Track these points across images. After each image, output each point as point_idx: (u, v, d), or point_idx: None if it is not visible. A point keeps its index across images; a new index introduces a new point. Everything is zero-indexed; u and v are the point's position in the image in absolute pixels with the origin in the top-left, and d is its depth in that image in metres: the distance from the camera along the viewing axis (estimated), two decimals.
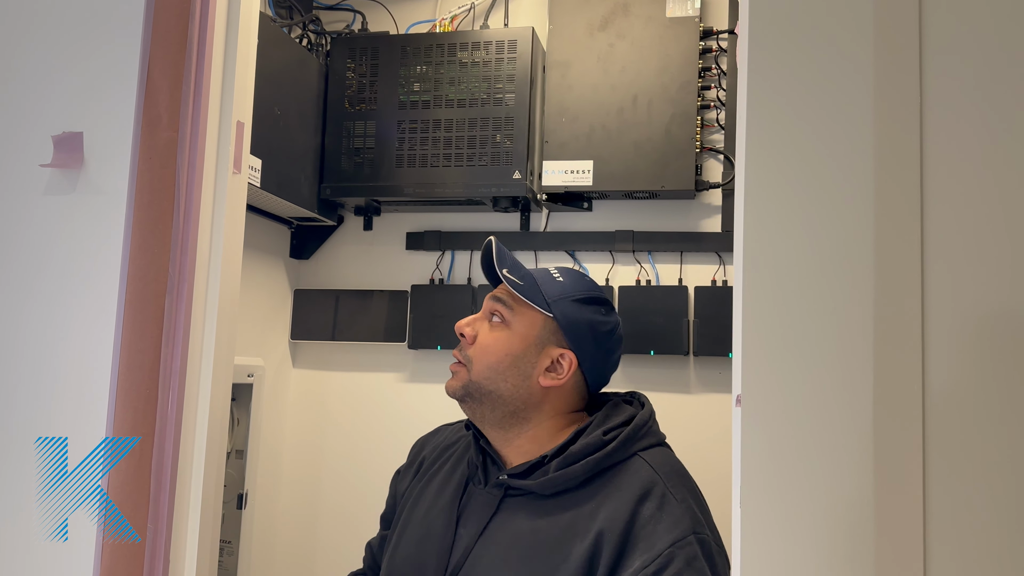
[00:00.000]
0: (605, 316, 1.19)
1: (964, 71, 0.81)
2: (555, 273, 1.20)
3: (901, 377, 0.77)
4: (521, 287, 1.16)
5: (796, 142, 0.82)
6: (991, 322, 0.77)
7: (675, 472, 1.10)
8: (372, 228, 2.00)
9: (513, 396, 1.13)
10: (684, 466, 1.14)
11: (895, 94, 0.81)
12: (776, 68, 0.83)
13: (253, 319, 1.83)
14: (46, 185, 1.10)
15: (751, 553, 0.77)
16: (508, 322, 1.16)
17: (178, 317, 1.05)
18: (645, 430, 1.13)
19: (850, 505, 0.76)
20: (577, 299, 1.17)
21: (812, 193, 0.81)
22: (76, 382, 1.06)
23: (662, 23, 1.74)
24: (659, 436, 1.16)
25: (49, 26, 1.13)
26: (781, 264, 0.81)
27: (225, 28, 1.14)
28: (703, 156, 1.81)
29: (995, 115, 0.80)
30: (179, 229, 1.06)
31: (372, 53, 1.84)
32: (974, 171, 0.79)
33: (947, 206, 0.79)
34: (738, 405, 0.80)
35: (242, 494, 1.65)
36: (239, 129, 1.16)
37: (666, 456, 1.13)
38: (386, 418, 1.96)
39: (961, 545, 0.75)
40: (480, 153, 1.75)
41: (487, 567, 1.07)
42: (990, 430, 0.76)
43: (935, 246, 0.79)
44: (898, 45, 0.81)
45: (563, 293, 1.17)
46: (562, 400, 1.17)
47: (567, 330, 1.15)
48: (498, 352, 1.14)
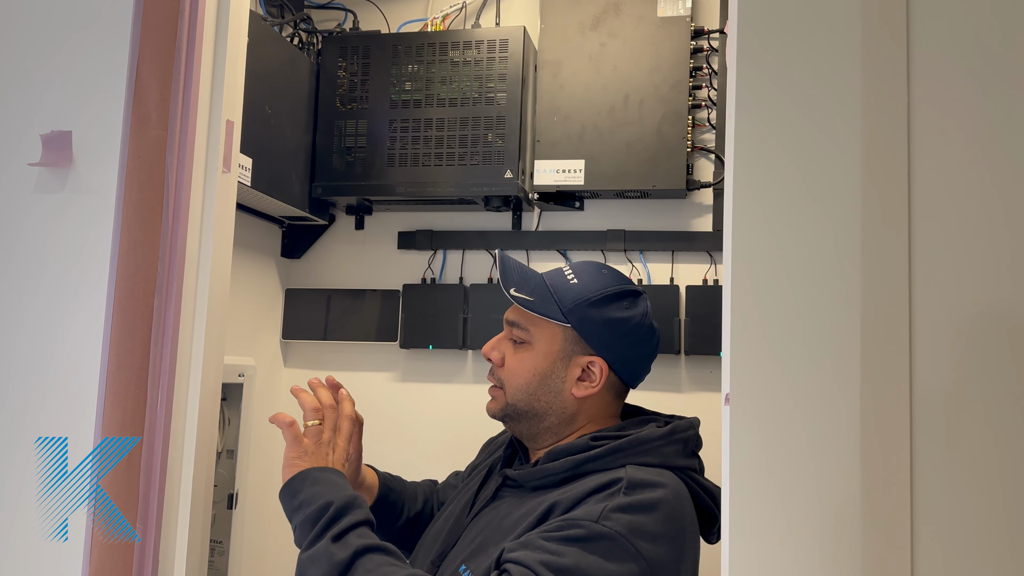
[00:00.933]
0: (627, 310, 1.13)
1: (951, 71, 0.81)
2: (569, 274, 1.16)
3: (888, 376, 0.78)
4: (532, 303, 1.13)
5: (784, 141, 0.82)
6: (978, 322, 0.78)
7: (647, 485, 1.01)
8: (364, 227, 2.00)
9: (547, 412, 1.13)
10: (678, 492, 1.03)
11: (883, 93, 0.81)
12: (765, 67, 0.83)
13: (244, 319, 1.82)
14: (35, 184, 1.10)
15: (739, 551, 0.77)
16: (529, 342, 1.14)
17: (167, 316, 1.05)
18: (644, 448, 1.07)
19: (838, 503, 0.77)
20: (593, 301, 1.12)
21: (800, 193, 0.82)
22: (66, 381, 1.05)
23: (653, 22, 1.74)
24: (668, 459, 1.07)
25: (38, 25, 1.13)
26: (769, 263, 0.81)
27: (215, 27, 1.14)
28: (694, 155, 1.81)
29: (982, 115, 0.80)
30: (168, 228, 1.06)
31: (364, 52, 1.84)
32: (961, 171, 0.80)
33: (934, 206, 0.80)
34: (727, 404, 0.80)
35: (232, 494, 1.65)
36: (228, 128, 1.15)
37: (655, 474, 1.04)
38: (378, 417, 1.96)
39: (948, 543, 0.76)
40: (472, 152, 1.75)
41: (459, 549, 1.09)
42: (976, 429, 0.76)
43: (922, 246, 0.79)
44: (886, 45, 0.82)
45: (578, 298, 1.12)
46: (597, 407, 1.15)
47: (588, 337, 1.12)
48: (525, 373, 1.14)
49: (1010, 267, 0.78)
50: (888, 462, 0.77)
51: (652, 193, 1.76)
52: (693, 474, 1.10)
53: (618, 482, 1.01)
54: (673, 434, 1.09)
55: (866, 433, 0.77)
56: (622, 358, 1.13)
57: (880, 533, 0.76)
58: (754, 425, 0.79)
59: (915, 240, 0.79)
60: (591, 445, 1.07)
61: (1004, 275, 0.78)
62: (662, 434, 1.08)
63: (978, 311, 0.78)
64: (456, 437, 1.90)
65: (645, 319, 1.15)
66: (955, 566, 0.75)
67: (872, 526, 0.76)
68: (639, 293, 1.17)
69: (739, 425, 0.79)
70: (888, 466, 0.77)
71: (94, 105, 1.09)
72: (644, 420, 1.15)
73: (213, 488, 1.18)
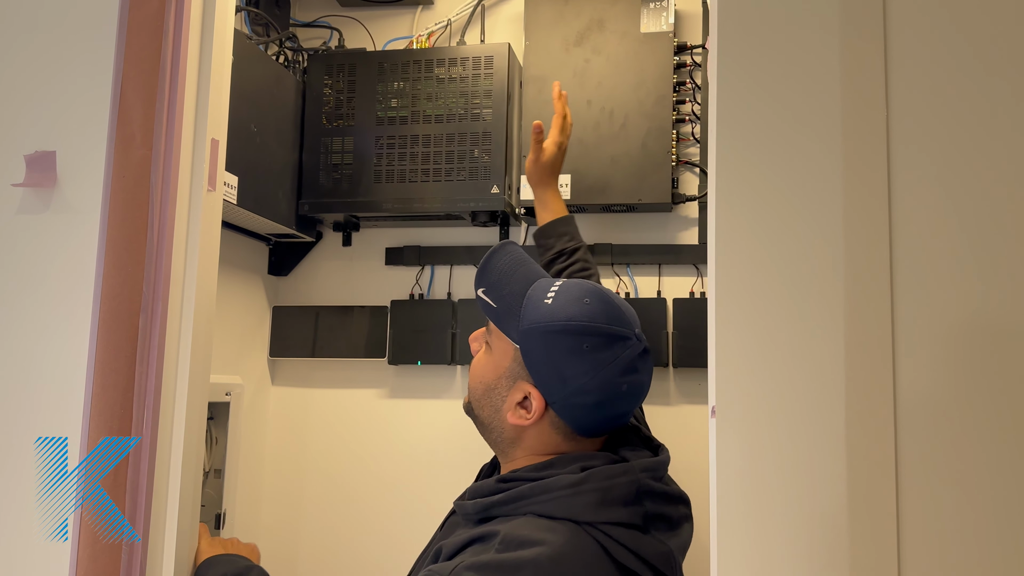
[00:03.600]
0: (584, 352, 0.98)
1: (929, 81, 0.82)
2: (550, 292, 1.03)
3: (873, 384, 0.78)
4: (492, 310, 1.04)
5: (765, 154, 0.83)
6: (959, 329, 0.78)
7: (526, 542, 0.88)
8: (351, 244, 2.00)
9: (490, 426, 1.08)
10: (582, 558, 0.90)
11: (862, 105, 0.82)
12: (745, 81, 0.84)
13: (231, 337, 1.81)
14: (19, 205, 1.09)
15: (728, 561, 0.77)
16: (491, 345, 1.08)
17: (152, 335, 1.05)
18: (547, 497, 0.94)
19: (825, 512, 0.77)
20: (549, 330, 0.99)
21: (782, 203, 0.82)
22: (50, 402, 1.05)
23: (637, 38, 1.76)
24: (572, 512, 0.93)
25: (21, 45, 1.12)
26: (752, 274, 0.82)
27: (199, 46, 1.14)
28: (679, 169, 1.83)
29: (961, 124, 0.81)
30: (153, 247, 1.06)
31: (349, 70, 1.85)
32: (941, 178, 0.81)
33: (915, 214, 0.81)
34: (713, 416, 0.80)
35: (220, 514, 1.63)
36: (214, 146, 1.15)
37: (557, 535, 0.90)
38: (367, 435, 1.95)
39: (935, 551, 0.76)
40: (458, 168, 1.76)
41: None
42: (960, 435, 0.77)
43: (904, 254, 0.80)
44: (863, 58, 0.83)
45: (538, 320, 1.00)
46: (539, 440, 1.04)
47: (530, 365, 1.01)
48: (475, 378, 1.10)
49: (991, 273, 0.79)
50: (874, 470, 0.77)
51: (638, 207, 1.77)
52: (609, 528, 0.94)
53: (494, 536, 0.90)
54: (585, 483, 0.94)
55: (851, 442, 0.78)
56: (561, 401, 1.00)
57: (867, 542, 0.76)
58: (741, 436, 0.79)
59: (896, 248, 0.80)
60: (499, 488, 0.99)
61: (985, 281, 0.79)
62: (569, 483, 0.94)
63: (960, 318, 0.78)
64: (446, 453, 1.89)
65: (602, 370, 0.99)
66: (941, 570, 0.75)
67: (859, 534, 0.76)
68: (619, 339, 1.00)
69: (726, 437, 0.79)
70: (874, 474, 0.77)
71: (78, 125, 1.09)
72: (579, 457, 1.00)
73: (200, 508, 1.18)
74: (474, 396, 1.10)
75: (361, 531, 1.92)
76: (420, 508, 1.88)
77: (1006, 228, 0.79)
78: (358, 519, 1.93)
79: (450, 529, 1.09)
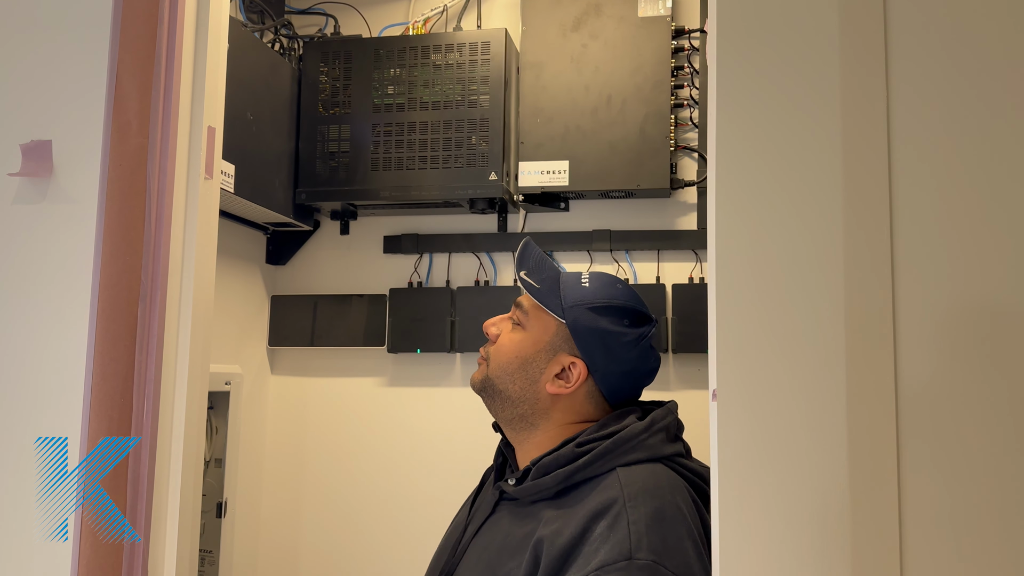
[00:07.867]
0: (625, 327, 1.14)
1: (930, 66, 0.82)
2: (584, 278, 1.18)
3: (874, 370, 0.78)
4: (537, 290, 1.15)
5: (765, 138, 0.83)
6: (960, 316, 0.78)
7: (645, 492, 1.02)
8: (349, 232, 1.99)
9: (520, 399, 1.14)
10: (672, 484, 1.06)
11: (862, 89, 0.82)
12: (744, 65, 0.84)
13: (230, 326, 1.81)
14: (15, 194, 1.09)
15: (729, 546, 0.78)
16: (524, 325, 1.16)
17: (151, 324, 1.04)
18: (630, 445, 1.07)
19: (826, 496, 0.77)
20: (595, 307, 1.14)
21: (782, 189, 0.82)
22: (50, 393, 1.04)
23: (634, 23, 1.75)
24: (655, 450, 1.09)
25: (16, 33, 1.12)
26: (753, 260, 0.81)
27: (194, 33, 1.13)
28: (678, 154, 1.82)
29: (961, 110, 0.81)
30: (151, 236, 1.05)
31: (345, 57, 1.83)
32: (942, 164, 0.81)
33: (915, 200, 0.80)
34: (714, 400, 0.80)
35: (221, 503, 1.64)
36: (210, 134, 1.15)
37: (647, 473, 1.05)
38: (367, 423, 1.95)
39: (936, 535, 0.76)
40: (456, 155, 1.75)
41: (465, 568, 1.09)
42: (963, 422, 0.77)
43: (904, 240, 0.80)
44: (864, 41, 0.82)
45: (581, 299, 1.14)
46: (572, 409, 1.14)
47: (577, 338, 1.13)
48: (509, 353, 1.15)
49: (991, 261, 0.78)
50: (875, 453, 0.77)
51: (637, 193, 1.76)
52: (681, 459, 1.11)
53: (613, 503, 1.00)
54: (652, 426, 1.10)
55: (852, 426, 0.78)
56: (603, 369, 1.14)
57: (868, 524, 0.76)
58: (741, 420, 0.79)
59: (897, 234, 0.80)
60: (577, 454, 1.06)
61: (986, 269, 0.78)
62: (643, 429, 1.09)
63: (961, 305, 0.78)
64: (445, 441, 1.90)
65: (641, 342, 1.15)
66: (943, 558, 0.76)
67: (860, 517, 0.76)
68: (646, 319, 1.17)
69: (727, 421, 0.79)
70: (875, 457, 0.77)
71: (74, 114, 1.08)
72: (623, 414, 1.14)
73: (202, 497, 1.18)
74: (506, 371, 1.15)
75: (361, 517, 1.93)
76: (420, 495, 1.89)
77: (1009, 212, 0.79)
78: (358, 506, 1.93)
79: (511, 517, 1.09)
